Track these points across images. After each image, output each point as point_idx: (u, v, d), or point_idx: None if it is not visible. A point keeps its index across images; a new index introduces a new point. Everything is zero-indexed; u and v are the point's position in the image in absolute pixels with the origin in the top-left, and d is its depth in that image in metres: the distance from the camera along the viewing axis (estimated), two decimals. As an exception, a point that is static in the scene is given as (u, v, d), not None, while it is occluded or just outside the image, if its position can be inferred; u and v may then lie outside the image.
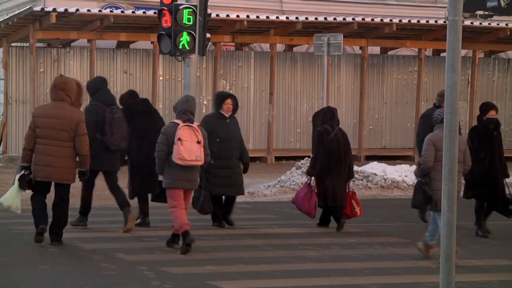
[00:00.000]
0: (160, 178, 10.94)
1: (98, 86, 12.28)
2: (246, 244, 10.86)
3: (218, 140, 10.87)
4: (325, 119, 12.38)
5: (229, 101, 11.11)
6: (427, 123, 11.56)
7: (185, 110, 10.47)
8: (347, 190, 12.33)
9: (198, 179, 10.86)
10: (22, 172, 10.44)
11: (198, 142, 10.33)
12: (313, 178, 12.30)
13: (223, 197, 11.97)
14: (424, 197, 9.82)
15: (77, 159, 10.76)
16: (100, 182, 13.91)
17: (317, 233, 11.54)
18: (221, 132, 10.95)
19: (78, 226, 11.77)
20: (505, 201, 10.95)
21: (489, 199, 11.01)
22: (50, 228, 10.44)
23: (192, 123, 10.48)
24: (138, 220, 11.88)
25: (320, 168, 12.13)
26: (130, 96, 12.52)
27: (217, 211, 11.59)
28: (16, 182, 10.42)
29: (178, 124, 10.26)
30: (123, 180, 12.09)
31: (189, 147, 10.29)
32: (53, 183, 10.57)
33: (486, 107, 11.38)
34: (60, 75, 14.44)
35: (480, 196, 10.97)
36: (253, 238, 11.19)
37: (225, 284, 8.37)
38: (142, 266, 9.13)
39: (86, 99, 11.51)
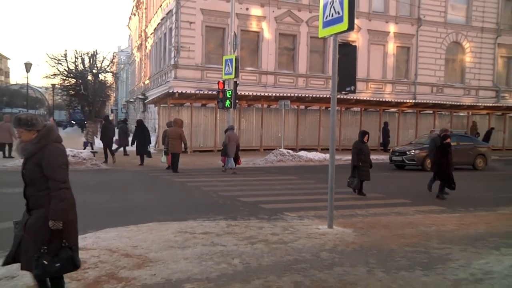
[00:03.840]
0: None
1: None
2: (252, 183, 10.62)
3: (363, 153, 9.20)
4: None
5: (367, 135, 9.36)
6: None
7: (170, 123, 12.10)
8: (238, 155, 12.76)
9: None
10: (165, 149, 11.79)
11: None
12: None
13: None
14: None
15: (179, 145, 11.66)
16: (206, 157, 13.61)
17: (280, 179, 11.35)
18: (364, 150, 9.26)
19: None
20: (451, 182, 9.13)
21: (444, 181, 9.15)
22: (172, 170, 11.65)
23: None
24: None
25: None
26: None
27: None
28: (164, 152, 11.90)
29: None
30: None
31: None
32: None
33: (446, 137, 9.14)
34: (175, 117, 14.61)
35: (440, 179, 9.20)
36: (256, 182, 10.98)
37: (244, 198, 8.22)
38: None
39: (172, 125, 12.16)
